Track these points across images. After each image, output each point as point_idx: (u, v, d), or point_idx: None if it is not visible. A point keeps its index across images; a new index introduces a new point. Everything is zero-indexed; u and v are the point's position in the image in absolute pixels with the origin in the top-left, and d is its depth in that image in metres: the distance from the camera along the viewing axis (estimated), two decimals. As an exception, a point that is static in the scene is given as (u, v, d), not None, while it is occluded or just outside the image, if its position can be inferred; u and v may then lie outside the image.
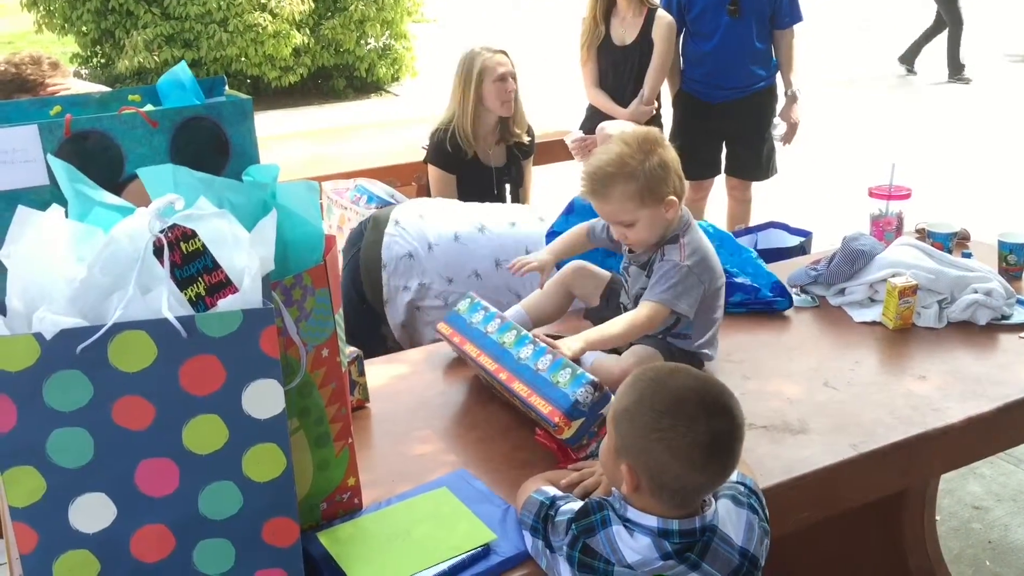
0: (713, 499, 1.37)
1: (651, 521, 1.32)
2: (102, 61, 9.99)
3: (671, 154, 1.88)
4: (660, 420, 1.29)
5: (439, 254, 2.45)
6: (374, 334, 2.51)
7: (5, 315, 1.16)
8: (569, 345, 1.77)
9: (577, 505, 1.39)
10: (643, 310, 1.85)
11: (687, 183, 4.70)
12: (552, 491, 1.45)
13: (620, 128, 3.72)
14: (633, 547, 1.31)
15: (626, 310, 1.97)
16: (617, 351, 1.94)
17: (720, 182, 4.45)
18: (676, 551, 1.30)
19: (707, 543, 1.32)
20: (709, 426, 1.28)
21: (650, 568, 1.30)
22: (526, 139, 3.37)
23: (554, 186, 4.15)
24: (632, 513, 1.34)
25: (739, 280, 2.26)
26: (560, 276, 2.14)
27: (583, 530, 1.34)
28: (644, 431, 1.30)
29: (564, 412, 1.61)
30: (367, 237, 2.52)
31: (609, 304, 2.07)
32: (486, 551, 1.41)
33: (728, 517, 1.36)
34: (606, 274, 2.13)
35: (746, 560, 1.34)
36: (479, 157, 3.27)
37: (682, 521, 1.32)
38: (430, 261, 2.44)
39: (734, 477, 1.42)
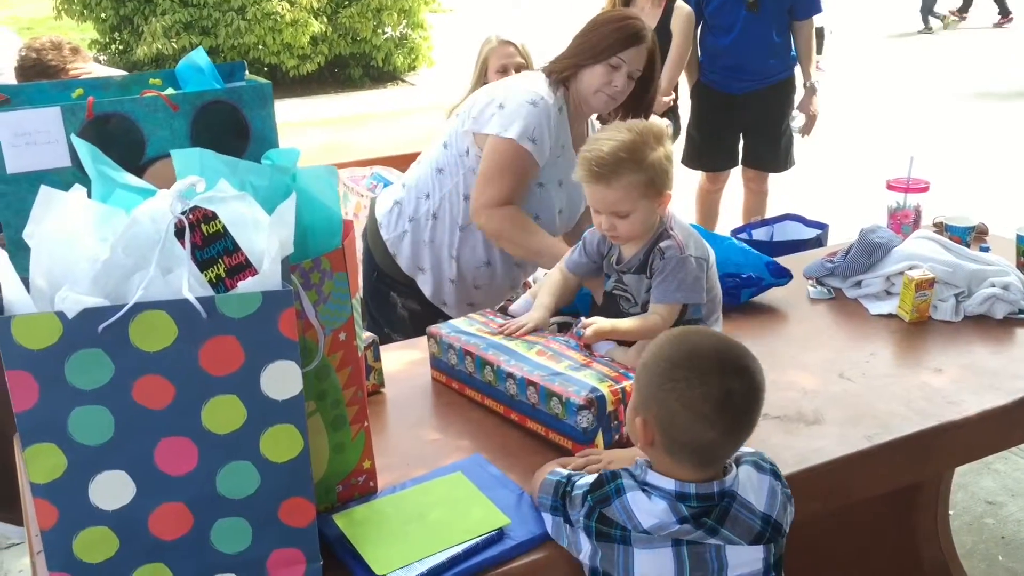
0: (735, 466, 1.37)
1: (668, 484, 1.32)
2: (120, 48, 10.05)
3: (671, 148, 1.89)
4: (674, 371, 1.30)
5: (411, 184, 2.54)
6: (385, 303, 2.61)
7: (29, 294, 1.17)
8: (600, 325, 1.82)
9: (592, 478, 1.40)
10: (656, 314, 1.85)
11: (703, 174, 4.71)
12: (566, 470, 1.47)
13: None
14: (649, 511, 1.31)
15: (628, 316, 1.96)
16: (627, 344, 1.95)
17: (736, 174, 4.44)
18: (693, 515, 1.30)
19: (726, 509, 1.32)
20: (723, 382, 1.29)
21: (667, 531, 1.30)
22: None
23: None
24: (651, 476, 1.34)
25: (743, 276, 2.26)
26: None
27: (598, 500, 1.34)
28: (658, 381, 1.31)
29: (582, 442, 1.63)
30: (367, 221, 2.67)
31: (609, 311, 2.06)
32: (500, 535, 1.42)
33: (749, 483, 1.36)
34: None
35: (769, 526, 1.34)
36: None
37: (700, 485, 1.32)
38: (407, 195, 2.53)
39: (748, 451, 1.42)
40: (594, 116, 2.56)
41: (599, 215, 1.88)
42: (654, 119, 3.82)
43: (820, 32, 9.97)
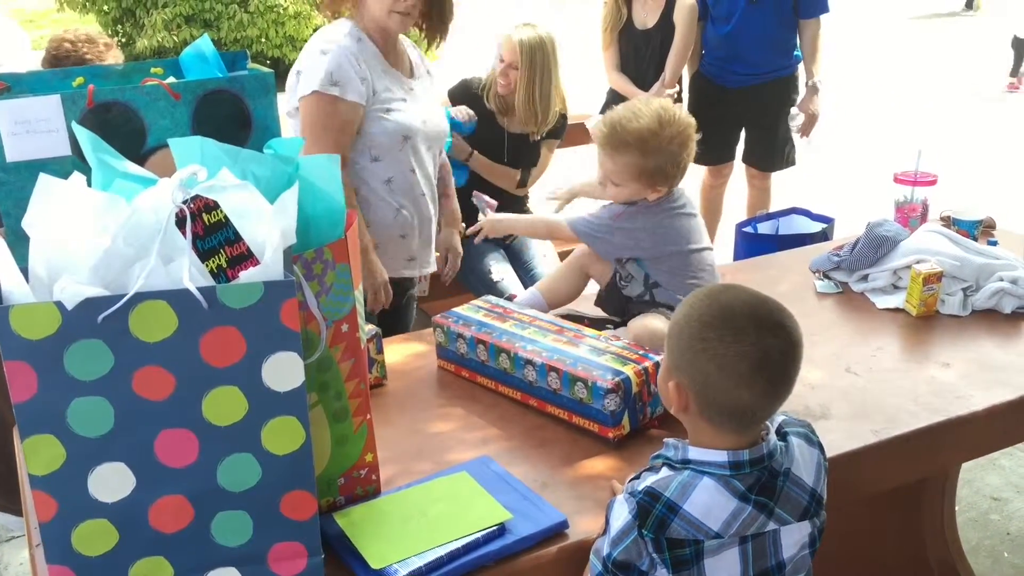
0: (776, 433, 1.33)
1: (720, 456, 1.26)
2: (122, 40, 10.03)
3: (691, 149, 1.93)
4: (706, 330, 1.25)
5: None
6: None
7: (28, 283, 1.16)
8: (494, 219, 2.15)
9: (623, 517, 1.27)
10: (554, 218, 2.16)
11: (706, 168, 4.68)
12: (598, 555, 1.32)
13: None
14: (710, 508, 1.24)
15: (630, 303, 2.01)
16: (624, 322, 1.98)
17: (740, 169, 4.42)
18: (749, 487, 1.25)
19: (781, 488, 1.28)
20: (758, 340, 1.23)
21: (736, 528, 1.25)
22: (542, 128, 3.28)
23: (576, 170, 4.11)
24: (694, 452, 1.28)
25: None
26: (574, 258, 2.15)
27: (656, 528, 1.25)
28: (690, 343, 1.26)
29: (610, 425, 1.64)
30: None
31: (611, 295, 2.07)
32: (501, 530, 1.40)
33: (802, 458, 1.32)
34: None
35: (813, 500, 1.32)
36: (496, 116, 3.21)
37: (751, 450, 1.26)
38: None
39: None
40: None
41: (600, 170, 2.00)
42: None
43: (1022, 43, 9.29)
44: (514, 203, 3.34)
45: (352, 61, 2.31)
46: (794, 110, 4.14)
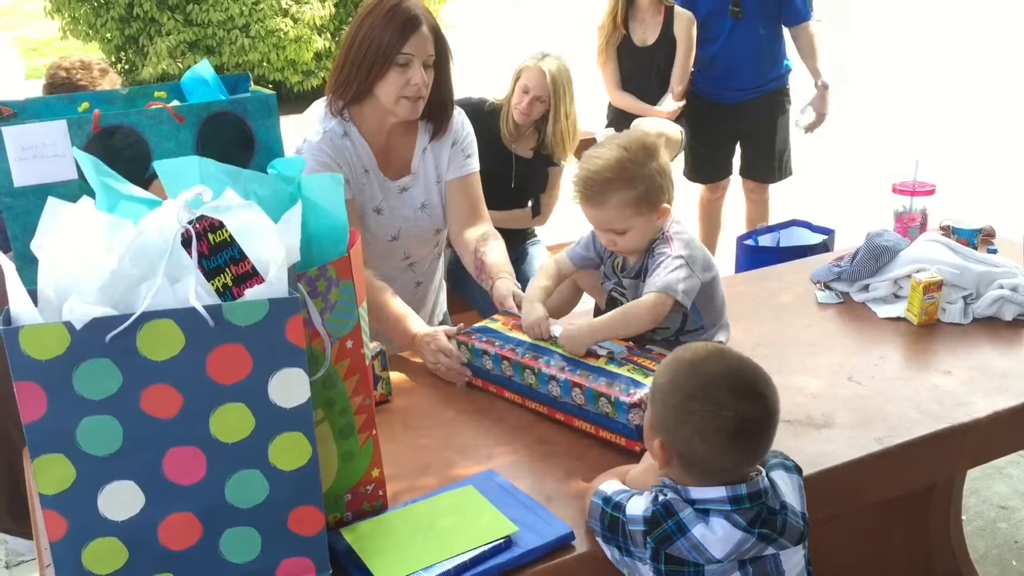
0: (763, 469, 1.39)
1: (719, 492, 1.33)
2: (126, 67, 10.09)
3: (667, 159, 1.87)
4: (689, 403, 1.33)
5: None
6: None
7: (36, 305, 1.18)
8: (575, 340, 1.78)
9: (640, 508, 1.36)
10: (645, 300, 1.80)
11: (702, 185, 4.68)
12: (608, 489, 1.43)
13: (657, 126, 3.69)
14: (716, 539, 1.31)
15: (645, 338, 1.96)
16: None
17: (737, 183, 4.44)
18: (750, 521, 1.32)
19: (783, 522, 1.34)
20: (737, 412, 1.31)
21: (736, 554, 1.31)
22: (567, 153, 3.29)
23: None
24: (695, 492, 1.34)
25: None
26: (567, 273, 2.14)
27: (660, 540, 1.32)
28: (674, 412, 1.34)
29: (637, 439, 1.65)
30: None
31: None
32: (508, 543, 1.41)
33: (787, 488, 1.40)
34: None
35: (806, 524, 1.39)
36: (504, 137, 3.21)
37: (748, 484, 1.34)
38: None
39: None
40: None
41: (599, 232, 1.89)
42: (669, 125, 3.80)
43: None
44: (521, 236, 3.34)
45: (328, 161, 2.11)
46: (806, 106, 4.13)
